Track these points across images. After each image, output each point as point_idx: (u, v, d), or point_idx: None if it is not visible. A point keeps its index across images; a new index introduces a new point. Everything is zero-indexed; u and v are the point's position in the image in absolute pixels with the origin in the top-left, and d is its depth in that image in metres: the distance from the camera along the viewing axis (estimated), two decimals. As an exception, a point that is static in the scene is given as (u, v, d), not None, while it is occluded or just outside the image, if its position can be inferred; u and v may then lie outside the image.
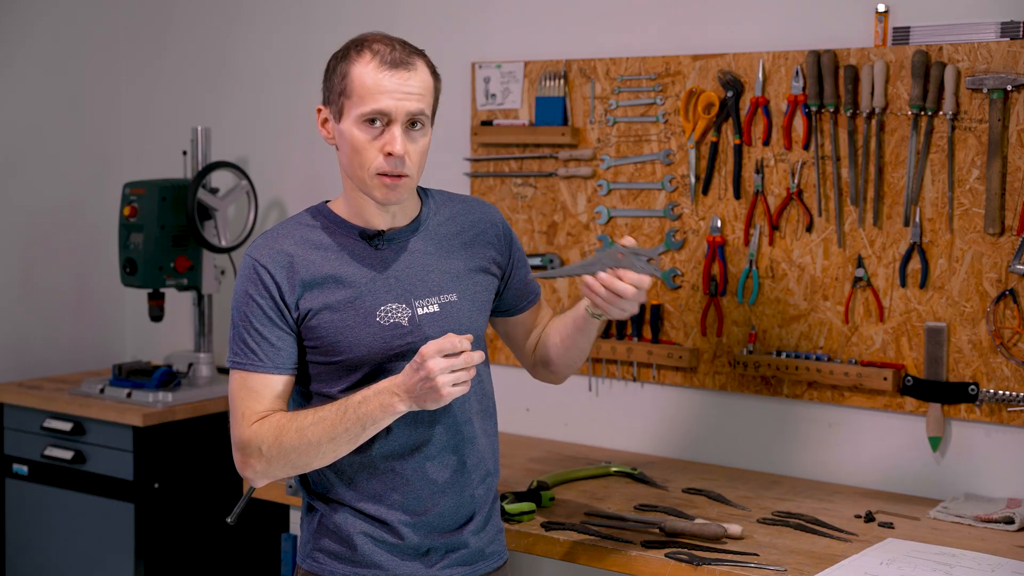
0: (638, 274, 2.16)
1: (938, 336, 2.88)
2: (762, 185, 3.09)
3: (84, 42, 4.31)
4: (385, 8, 3.75)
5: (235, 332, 2.21)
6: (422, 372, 2.05)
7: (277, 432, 2.14)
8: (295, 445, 2.13)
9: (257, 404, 2.18)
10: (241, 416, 2.18)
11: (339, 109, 2.18)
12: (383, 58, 2.15)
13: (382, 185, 2.17)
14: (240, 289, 2.21)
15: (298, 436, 2.13)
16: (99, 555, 3.71)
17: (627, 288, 2.15)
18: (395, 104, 2.14)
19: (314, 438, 2.12)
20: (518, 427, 3.49)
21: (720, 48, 3.16)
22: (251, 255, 2.21)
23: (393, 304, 2.21)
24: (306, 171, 3.96)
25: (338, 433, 2.11)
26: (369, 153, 2.16)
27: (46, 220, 4.23)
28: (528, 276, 2.44)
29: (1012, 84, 2.74)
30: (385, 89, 2.14)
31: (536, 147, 3.42)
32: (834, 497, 2.90)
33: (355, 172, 2.19)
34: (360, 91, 2.14)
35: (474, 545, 2.31)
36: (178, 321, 4.21)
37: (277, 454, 2.14)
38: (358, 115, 2.15)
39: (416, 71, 2.17)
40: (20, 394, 3.86)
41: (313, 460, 2.15)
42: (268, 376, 2.19)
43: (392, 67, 2.15)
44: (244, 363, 2.19)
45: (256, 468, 2.17)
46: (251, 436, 2.16)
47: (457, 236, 2.32)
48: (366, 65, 2.15)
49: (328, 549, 2.27)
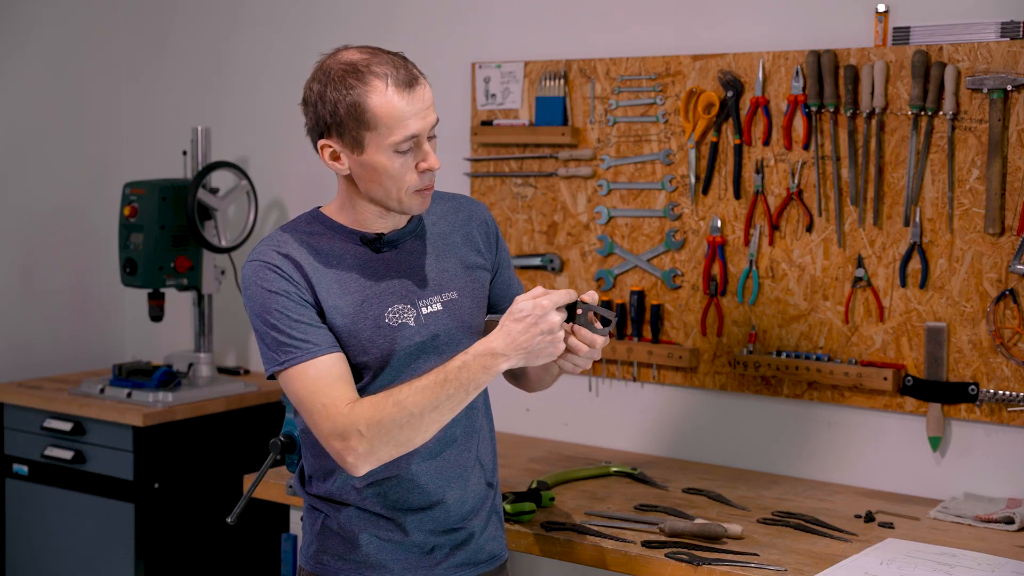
0: (592, 334, 2.13)
1: (938, 336, 2.88)
2: (762, 185, 3.09)
3: (84, 42, 4.31)
4: (385, 8, 3.75)
5: (270, 337, 2.13)
6: (544, 326, 2.04)
7: (375, 410, 2.07)
8: (395, 419, 2.06)
9: (334, 390, 2.11)
10: (323, 407, 2.10)
11: (358, 142, 2.14)
12: (396, 81, 2.12)
13: (420, 198, 2.18)
14: (258, 291, 2.15)
15: (397, 410, 2.06)
16: (99, 555, 3.71)
17: (579, 345, 2.13)
18: (422, 124, 2.14)
19: (416, 409, 2.06)
20: (518, 427, 3.49)
21: (720, 48, 3.16)
22: (256, 258, 2.18)
23: (399, 305, 2.21)
24: (306, 171, 3.95)
25: (441, 401, 2.07)
26: (407, 177, 2.15)
27: (46, 220, 4.23)
28: (512, 276, 2.43)
29: (1012, 84, 2.74)
30: (411, 113, 2.12)
31: (536, 147, 3.42)
32: (834, 497, 2.90)
33: (389, 196, 2.17)
34: (388, 122, 2.11)
35: (478, 543, 2.31)
36: (178, 321, 4.21)
37: (378, 432, 2.07)
38: (390, 144, 2.12)
39: (424, 83, 2.16)
40: (20, 394, 3.86)
41: (416, 434, 2.09)
42: (325, 358, 2.13)
43: (408, 88, 2.12)
44: (296, 356, 2.12)
45: (359, 451, 2.08)
46: (346, 420, 2.08)
47: (450, 234, 2.32)
48: (383, 94, 2.11)
49: (332, 550, 2.27)
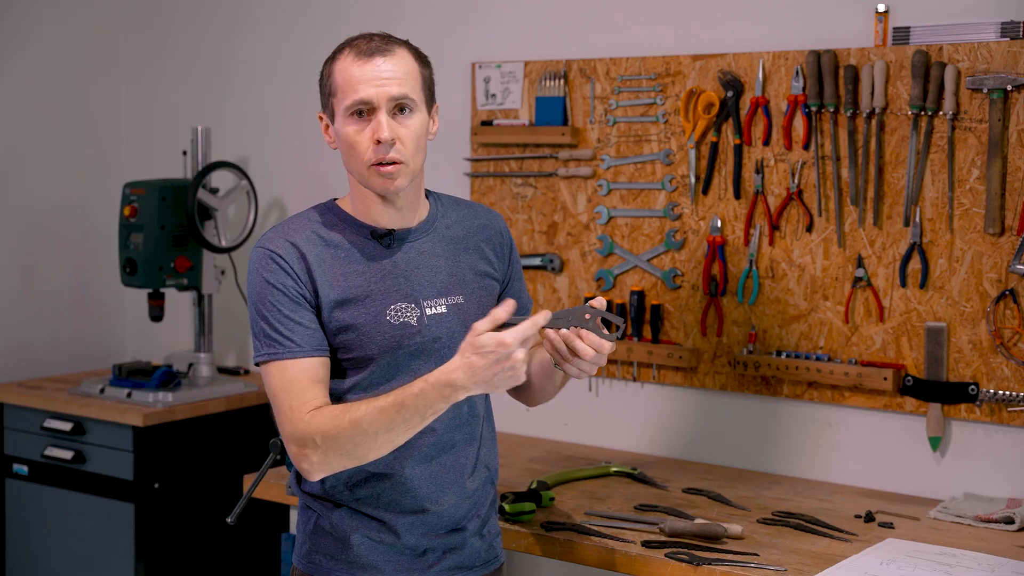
0: (599, 339, 2.13)
1: (938, 336, 2.88)
2: (762, 185, 3.09)
3: (84, 42, 4.31)
4: (385, 8, 3.75)
5: (260, 327, 2.16)
6: (507, 362, 2.00)
7: (331, 424, 2.09)
8: (351, 436, 2.08)
9: (303, 394, 2.13)
10: (289, 409, 2.13)
11: (331, 110, 2.22)
12: (359, 50, 2.18)
13: (378, 174, 2.18)
14: (257, 280, 2.18)
15: (353, 427, 2.08)
16: (99, 555, 3.71)
17: (586, 349, 2.12)
18: (375, 91, 2.15)
19: (370, 429, 2.07)
20: (518, 427, 3.49)
21: (720, 48, 3.16)
22: (263, 246, 2.19)
23: (402, 303, 2.21)
24: (306, 171, 3.96)
25: (396, 424, 2.07)
26: (361, 145, 2.17)
27: (46, 220, 4.23)
28: (522, 290, 2.44)
29: (1012, 84, 2.74)
30: (364, 78, 2.16)
31: (536, 147, 3.42)
32: (834, 497, 2.90)
33: (354, 167, 2.20)
34: (342, 85, 2.17)
35: (472, 547, 2.31)
36: (178, 321, 4.21)
37: (333, 446, 2.09)
38: (344, 109, 2.17)
39: (393, 56, 2.18)
40: (20, 394, 3.86)
41: (370, 451, 2.10)
42: (306, 360, 2.15)
43: (368, 55, 2.17)
44: (279, 352, 2.14)
45: (313, 460, 2.12)
46: (305, 428, 2.11)
47: (463, 240, 2.32)
48: (344, 60, 2.19)
49: (324, 549, 2.27)
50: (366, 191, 2.23)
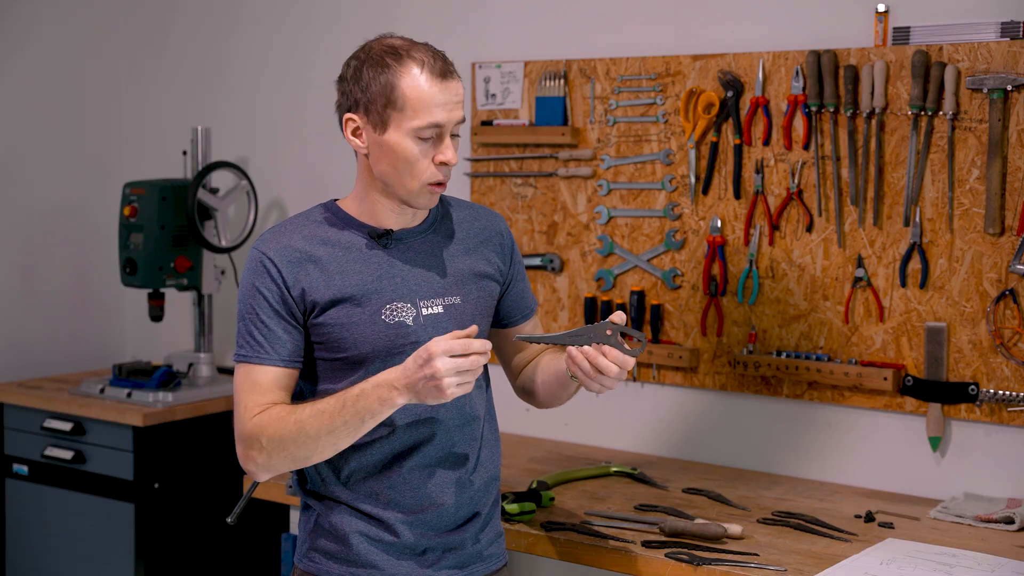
0: (623, 355, 2.12)
1: (938, 336, 2.88)
2: (762, 185, 3.09)
3: (84, 42, 4.31)
4: (385, 8, 3.75)
5: (242, 325, 2.21)
6: (427, 370, 2.02)
7: (276, 424, 2.13)
8: (294, 438, 2.12)
9: (260, 397, 2.17)
10: (244, 409, 2.17)
11: (383, 120, 2.16)
12: (431, 69, 2.15)
13: (429, 193, 2.20)
14: (247, 282, 2.21)
15: (297, 429, 2.11)
16: (99, 555, 3.71)
17: (610, 366, 2.12)
18: (447, 116, 2.16)
19: (312, 431, 2.11)
20: (518, 427, 3.49)
21: (720, 48, 3.16)
22: (258, 248, 2.21)
23: (398, 303, 2.21)
24: (306, 171, 3.96)
25: (336, 426, 2.10)
26: (422, 164, 2.17)
27: (46, 220, 4.23)
28: (525, 290, 2.44)
29: (1012, 84, 2.74)
30: (439, 102, 2.15)
31: (536, 147, 3.42)
32: (834, 497, 2.90)
33: (401, 182, 2.18)
34: (415, 104, 2.14)
35: (473, 547, 2.31)
36: (178, 321, 4.21)
37: (277, 447, 2.13)
38: (412, 128, 2.15)
39: (458, 79, 2.19)
40: (20, 394, 3.86)
41: (312, 453, 2.14)
42: (273, 369, 2.18)
43: (442, 78, 2.15)
44: (250, 356, 2.19)
45: (257, 461, 2.16)
46: (252, 428, 2.15)
47: (463, 240, 2.32)
48: (416, 77, 2.14)
49: (324, 548, 2.27)
50: (382, 197, 2.23)
